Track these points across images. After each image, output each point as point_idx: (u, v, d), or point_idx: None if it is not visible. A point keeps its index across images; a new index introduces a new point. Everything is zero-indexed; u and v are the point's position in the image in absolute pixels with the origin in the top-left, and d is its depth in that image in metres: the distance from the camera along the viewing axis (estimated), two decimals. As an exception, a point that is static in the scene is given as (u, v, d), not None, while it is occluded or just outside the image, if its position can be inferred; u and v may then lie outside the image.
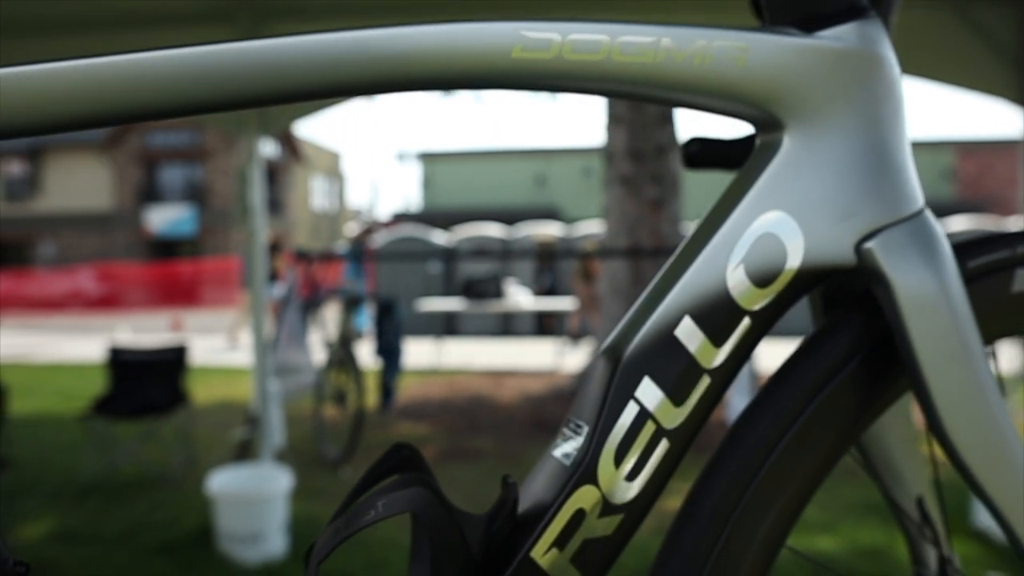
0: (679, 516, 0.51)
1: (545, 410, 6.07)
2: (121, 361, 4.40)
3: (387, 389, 5.93)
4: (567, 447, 0.48)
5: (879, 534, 3.25)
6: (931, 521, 0.63)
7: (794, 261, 0.48)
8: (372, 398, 5.78)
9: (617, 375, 0.47)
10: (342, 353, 4.76)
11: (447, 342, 9.51)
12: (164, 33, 3.23)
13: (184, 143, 23.37)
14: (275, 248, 13.20)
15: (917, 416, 0.61)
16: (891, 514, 0.64)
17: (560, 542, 0.46)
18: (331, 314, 5.18)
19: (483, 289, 8.74)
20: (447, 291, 11.55)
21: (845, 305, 0.54)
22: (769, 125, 0.50)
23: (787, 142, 0.50)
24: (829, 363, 0.51)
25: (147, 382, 4.34)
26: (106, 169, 23.59)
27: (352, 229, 10.65)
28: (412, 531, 0.47)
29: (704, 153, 0.59)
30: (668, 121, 6.37)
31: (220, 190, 23.18)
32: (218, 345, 10.61)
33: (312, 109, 3.58)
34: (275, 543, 3.10)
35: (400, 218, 20.16)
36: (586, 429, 0.47)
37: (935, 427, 0.49)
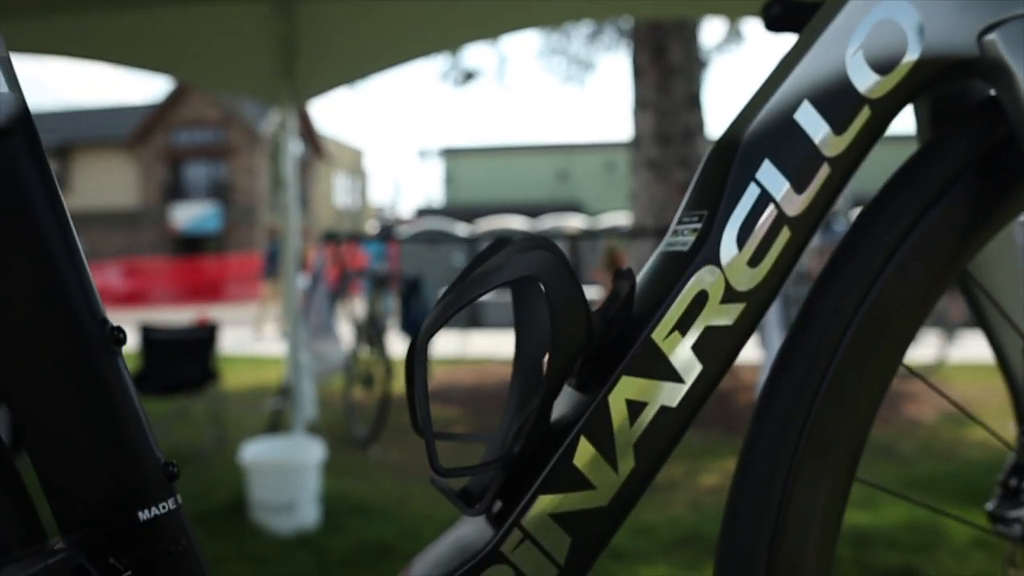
0: (790, 333, 0.48)
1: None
2: (153, 340, 4.43)
3: (415, 368, 5.93)
4: (682, 238, 0.46)
5: (917, 510, 3.19)
6: (1041, 372, 0.60)
7: (914, 48, 0.46)
8: (399, 382, 5.78)
9: (737, 157, 0.45)
10: (370, 331, 4.77)
11: (472, 333, 9.50)
12: (195, 10, 3.22)
13: (208, 141, 23.57)
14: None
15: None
16: (997, 365, 0.61)
17: (681, 325, 0.43)
18: (358, 304, 5.19)
19: (508, 278, 8.70)
20: (470, 283, 11.53)
21: (959, 115, 0.51)
22: None
23: None
24: (942, 173, 0.48)
25: (178, 360, 4.37)
26: (132, 167, 23.85)
27: (374, 227, 10.71)
28: (516, 305, 0.45)
29: (784, 16, 0.57)
30: (695, 105, 6.33)
31: (244, 187, 23.35)
32: (244, 337, 10.70)
33: (339, 81, 3.58)
34: (308, 513, 3.10)
35: (423, 213, 20.21)
36: (704, 214, 0.45)
37: None
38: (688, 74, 6.26)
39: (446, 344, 8.47)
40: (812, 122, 0.45)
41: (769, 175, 0.45)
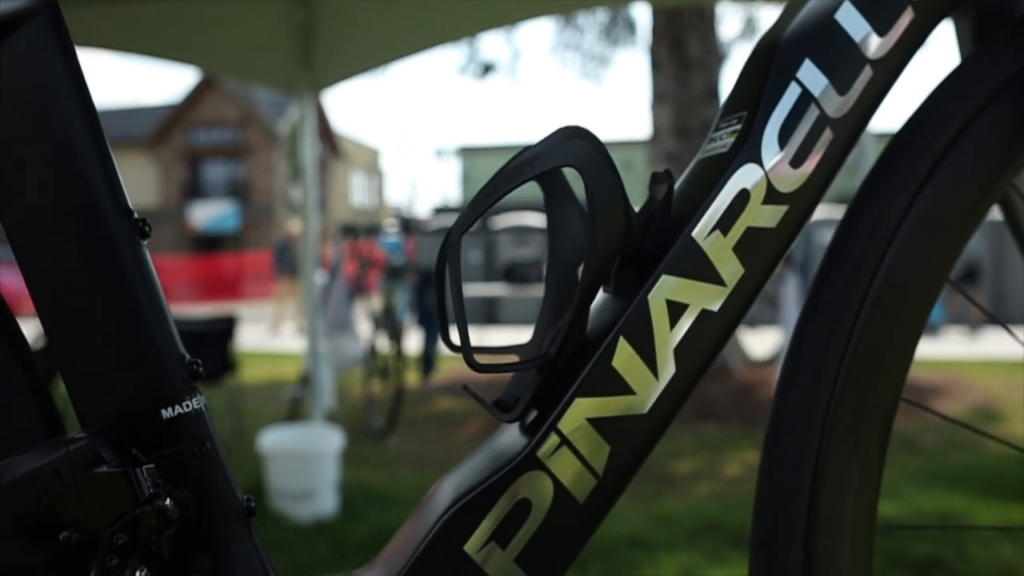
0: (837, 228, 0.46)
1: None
2: (172, 331, 4.45)
3: (428, 359, 5.91)
4: (721, 142, 0.44)
5: (943, 501, 3.15)
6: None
7: None
8: (413, 376, 5.78)
9: (777, 56, 0.43)
10: (386, 322, 4.78)
11: (488, 330, 9.47)
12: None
13: (227, 140, 23.72)
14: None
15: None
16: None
17: (723, 225, 0.42)
18: (375, 298, 5.20)
19: (525, 274, 8.68)
20: (487, 278, 11.55)
21: (1002, 27, 0.49)
22: None
23: None
24: (987, 84, 0.46)
25: (198, 351, 4.38)
26: (151, 166, 24.05)
27: (391, 224, 10.75)
28: (550, 207, 0.43)
29: None
30: (714, 98, 6.28)
31: (262, 186, 23.49)
32: (261, 334, 10.77)
33: (357, 70, 3.57)
34: (326, 501, 3.10)
35: (440, 211, 20.23)
36: (744, 115, 0.43)
37: None
38: (706, 67, 6.22)
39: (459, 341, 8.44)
40: (854, 22, 0.44)
41: (810, 74, 0.43)
